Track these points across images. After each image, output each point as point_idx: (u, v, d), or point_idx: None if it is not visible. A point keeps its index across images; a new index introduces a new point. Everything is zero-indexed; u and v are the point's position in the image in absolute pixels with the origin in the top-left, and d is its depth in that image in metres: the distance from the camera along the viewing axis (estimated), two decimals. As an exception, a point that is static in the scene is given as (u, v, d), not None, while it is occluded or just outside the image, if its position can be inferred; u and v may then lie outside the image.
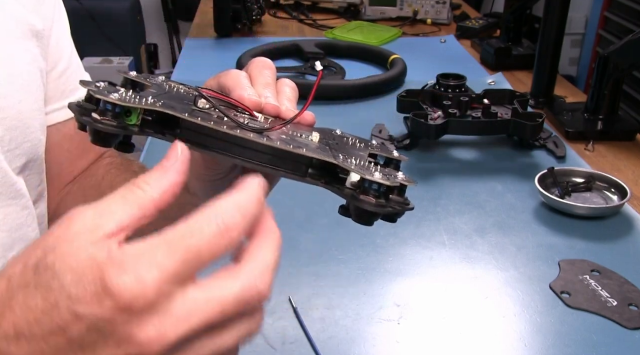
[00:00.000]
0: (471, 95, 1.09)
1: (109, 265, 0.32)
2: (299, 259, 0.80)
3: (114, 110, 0.37)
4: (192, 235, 0.33)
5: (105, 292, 0.31)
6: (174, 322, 0.32)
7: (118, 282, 0.31)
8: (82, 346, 0.32)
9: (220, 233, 0.33)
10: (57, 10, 0.68)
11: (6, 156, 0.55)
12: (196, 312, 0.33)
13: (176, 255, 0.32)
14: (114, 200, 0.35)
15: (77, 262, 0.32)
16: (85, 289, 0.31)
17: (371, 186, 0.39)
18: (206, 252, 0.33)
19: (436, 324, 0.70)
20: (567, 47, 2.78)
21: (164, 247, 0.32)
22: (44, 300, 0.32)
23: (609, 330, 0.69)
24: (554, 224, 0.88)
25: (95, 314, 0.31)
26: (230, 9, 1.64)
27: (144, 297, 0.31)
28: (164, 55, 3.42)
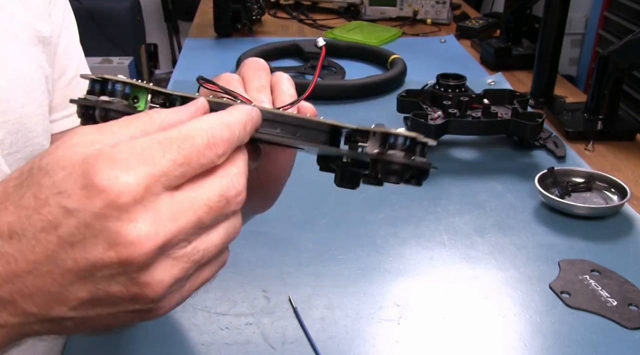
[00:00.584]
0: (471, 95, 1.09)
1: (99, 158, 0.32)
2: (299, 259, 0.80)
3: (124, 90, 0.38)
4: (185, 142, 0.34)
5: (94, 186, 0.31)
6: (164, 221, 0.32)
7: (109, 176, 0.31)
8: (72, 244, 0.32)
9: (209, 145, 0.34)
10: (67, 17, 0.68)
11: (6, 160, 0.55)
12: (185, 211, 0.33)
13: (168, 155, 0.33)
14: (118, 122, 0.35)
15: (70, 161, 0.32)
16: (74, 183, 0.31)
17: (397, 140, 0.39)
18: (195, 160, 0.34)
19: (436, 324, 0.70)
20: (567, 47, 2.78)
21: (157, 146, 0.33)
22: (35, 198, 0.32)
23: (609, 330, 0.69)
24: (554, 224, 0.88)
25: (84, 209, 0.31)
26: (230, 9, 1.64)
27: (134, 192, 0.31)
28: (164, 55, 3.42)
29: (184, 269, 0.34)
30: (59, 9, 0.66)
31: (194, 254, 0.35)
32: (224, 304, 0.72)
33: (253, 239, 0.83)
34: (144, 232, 0.32)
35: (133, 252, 0.32)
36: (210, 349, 0.66)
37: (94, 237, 0.32)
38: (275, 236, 0.84)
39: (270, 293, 0.74)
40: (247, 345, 0.66)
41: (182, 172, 0.33)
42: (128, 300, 0.34)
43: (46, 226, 0.32)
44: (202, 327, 0.68)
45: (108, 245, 0.32)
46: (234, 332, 0.68)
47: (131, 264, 0.32)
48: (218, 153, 0.35)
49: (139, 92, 0.38)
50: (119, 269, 0.32)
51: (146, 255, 0.32)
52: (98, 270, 0.32)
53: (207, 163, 0.34)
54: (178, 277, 0.34)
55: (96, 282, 0.33)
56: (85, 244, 0.32)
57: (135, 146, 0.32)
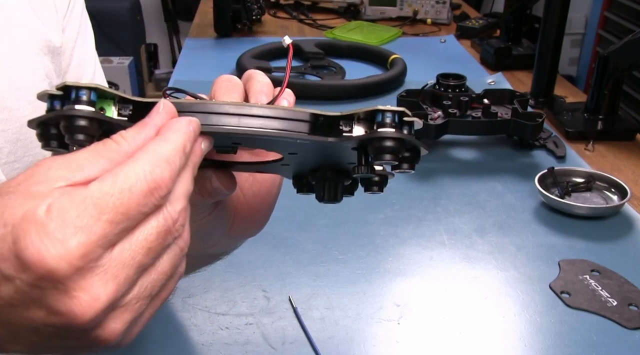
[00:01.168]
0: (471, 95, 1.09)
1: (31, 228, 0.30)
2: (299, 259, 0.80)
3: (89, 97, 0.34)
4: (122, 196, 0.31)
5: (23, 259, 0.30)
6: (104, 283, 0.31)
7: (39, 250, 0.30)
8: (13, 305, 0.31)
9: (150, 191, 0.32)
10: (82, 29, 0.67)
11: (3, 169, 0.55)
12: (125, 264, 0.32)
13: (105, 217, 0.31)
14: (85, 152, 0.33)
15: (11, 217, 0.31)
16: (8, 248, 0.30)
17: (385, 117, 0.37)
18: (135, 212, 0.32)
19: (436, 324, 0.70)
20: (567, 47, 2.78)
21: (92, 209, 0.30)
22: None
23: (609, 330, 0.69)
24: (554, 224, 0.88)
25: (19, 277, 0.30)
26: (230, 9, 1.64)
27: (67, 266, 0.30)
28: (164, 55, 3.42)
29: (136, 310, 0.33)
30: (75, 21, 0.66)
31: (142, 292, 0.33)
32: (224, 304, 0.72)
33: (253, 239, 0.83)
34: (85, 301, 0.30)
35: (76, 319, 0.31)
36: (210, 349, 0.66)
37: (33, 303, 0.31)
38: (275, 236, 0.84)
39: (270, 293, 0.74)
40: (247, 345, 0.66)
41: (121, 229, 0.31)
42: (84, 348, 0.33)
43: None
44: (202, 327, 0.68)
45: (49, 312, 0.31)
46: (234, 332, 0.68)
47: (77, 329, 0.31)
48: (161, 195, 0.32)
49: (104, 103, 0.35)
50: (64, 331, 0.32)
51: (91, 321, 0.31)
52: (44, 329, 0.32)
53: (149, 210, 0.32)
54: (131, 320, 0.33)
55: (44, 335, 0.32)
56: (27, 308, 0.31)
57: (69, 212, 0.30)
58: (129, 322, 0.33)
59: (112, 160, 0.33)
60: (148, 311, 0.35)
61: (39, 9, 0.60)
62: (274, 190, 0.52)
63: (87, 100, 0.34)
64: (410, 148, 0.38)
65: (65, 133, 0.34)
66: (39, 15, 0.60)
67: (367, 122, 0.38)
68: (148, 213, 0.32)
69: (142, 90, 3.14)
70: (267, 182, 0.51)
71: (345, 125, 0.38)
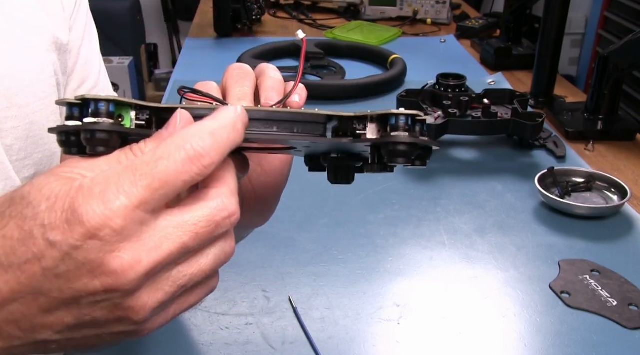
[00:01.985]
0: (471, 95, 1.09)
1: (78, 191, 0.32)
2: (299, 259, 0.80)
3: (108, 108, 0.35)
4: (158, 163, 0.32)
5: (75, 219, 0.31)
6: (147, 249, 0.32)
7: (87, 209, 0.31)
8: (57, 275, 0.32)
9: (190, 159, 0.33)
10: (88, 28, 0.67)
11: (15, 166, 0.55)
12: (169, 237, 0.33)
13: (142, 182, 0.32)
14: (106, 160, 0.35)
15: (51, 191, 0.32)
16: (57, 216, 0.32)
17: (399, 120, 0.38)
18: (175, 179, 0.32)
19: (436, 324, 0.70)
20: (567, 47, 2.78)
21: (129, 174, 0.32)
22: (19, 229, 0.32)
23: (609, 330, 0.69)
24: (554, 224, 0.88)
25: (67, 241, 0.31)
26: (230, 9, 1.64)
27: (112, 225, 0.31)
28: (164, 55, 3.42)
29: (169, 293, 0.34)
30: (81, 20, 0.66)
31: (179, 279, 0.34)
32: (224, 304, 0.72)
33: (253, 239, 0.83)
34: (127, 261, 0.32)
35: (117, 280, 0.32)
36: (210, 349, 0.66)
37: (77, 268, 0.32)
38: (275, 236, 0.84)
39: (270, 293, 0.74)
40: (247, 345, 0.66)
41: (162, 195, 0.32)
42: (112, 323, 0.34)
43: (31, 258, 0.32)
44: (202, 327, 0.68)
45: (92, 275, 0.32)
46: (234, 332, 0.68)
47: (116, 292, 0.32)
48: (204, 164, 0.33)
49: (122, 110, 0.36)
50: (103, 296, 0.33)
51: (130, 283, 0.32)
52: (83, 298, 0.33)
53: (191, 179, 0.33)
54: (162, 301, 0.34)
55: (81, 308, 0.33)
56: (70, 275, 0.32)
57: (110, 177, 0.32)
58: (160, 303, 0.34)
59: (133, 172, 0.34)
60: (177, 305, 0.36)
61: (47, 5, 0.60)
62: (281, 181, 0.53)
63: (106, 111, 0.35)
64: (422, 147, 0.39)
65: (86, 144, 0.35)
66: (47, 11, 0.60)
67: (379, 122, 0.39)
68: (190, 182, 0.33)
69: (142, 90, 3.14)
70: (275, 173, 0.52)
71: (359, 125, 0.39)
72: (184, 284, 0.35)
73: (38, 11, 0.59)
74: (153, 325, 0.35)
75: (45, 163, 0.59)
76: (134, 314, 0.33)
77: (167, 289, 0.34)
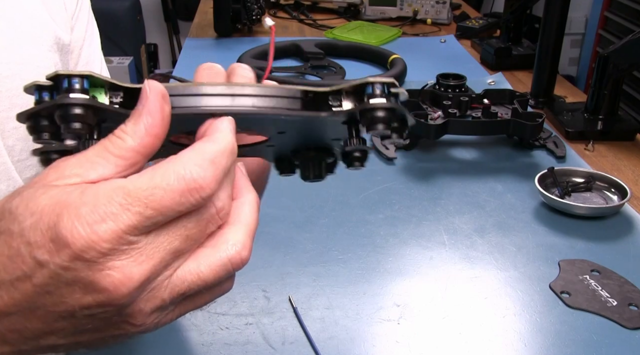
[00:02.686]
0: (471, 95, 1.09)
1: (64, 208, 0.31)
2: (299, 259, 0.80)
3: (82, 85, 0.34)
4: (155, 191, 0.31)
5: (59, 239, 0.31)
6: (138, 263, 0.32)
7: (71, 231, 0.30)
8: (48, 292, 0.32)
9: (190, 191, 0.32)
10: (90, 28, 0.67)
11: (17, 166, 0.55)
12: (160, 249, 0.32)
13: (134, 209, 0.31)
14: (94, 150, 0.34)
15: (37, 206, 0.31)
16: (42, 234, 0.31)
17: (375, 88, 0.37)
18: (169, 209, 0.32)
19: (436, 324, 0.70)
20: (567, 47, 2.79)
21: (121, 196, 0.31)
22: (8, 245, 0.32)
23: (609, 330, 0.69)
24: (554, 224, 0.88)
25: (54, 261, 0.31)
26: (230, 9, 1.64)
27: (97, 248, 0.31)
28: (164, 55, 3.42)
29: (167, 300, 0.34)
30: (83, 20, 0.66)
31: (177, 286, 0.34)
32: (224, 304, 0.72)
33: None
34: (117, 279, 0.31)
35: (109, 297, 0.32)
36: (210, 349, 0.66)
37: (68, 286, 0.32)
38: (275, 236, 0.84)
39: (270, 293, 0.74)
40: (247, 345, 0.66)
41: (154, 222, 0.32)
42: (112, 328, 0.34)
43: (21, 276, 0.32)
44: (202, 327, 0.68)
45: (84, 292, 0.32)
46: (234, 332, 0.68)
47: (110, 306, 0.32)
48: (202, 196, 0.32)
49: (96, 91, 0.35)
50: (98, 310, 0.32)
51: (123, 298, 0.32)
52: (78, 312, 0.33)
53: (186, 209, 0.32)
54: (160, 307, 0.34)
55: (78, 319, 0.33)
56: (62, 292, 0.32)
57: (100, 198, 0.31)
58: (158, 308, 0.34)
59: (121, 157, 0.33)
60: (180, 307, 0.36)
61: (49, 5, 0.60)
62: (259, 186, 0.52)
63: (81, 88, 0.34)
64: (398, 118, 0.39)
65: (61, 123, 0.34)
66: (49, 11, 0.60)
67: (355, 96, 0.38)
68: (185, 211, 0.33)
69: (142, 90, 3.13)
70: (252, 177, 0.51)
71: (334, 101, 0.39)
72: (183, 291, 0.34)
73: (40, 11, 0.59)
74: (157, 325, 0.35)
75: None
76: (133, 320, 0.33)
77: (166, 296, 0.34)
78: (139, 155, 0.34)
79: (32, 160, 0.57)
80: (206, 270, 0.34)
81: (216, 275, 0.35)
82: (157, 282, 0.33)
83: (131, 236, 0.31)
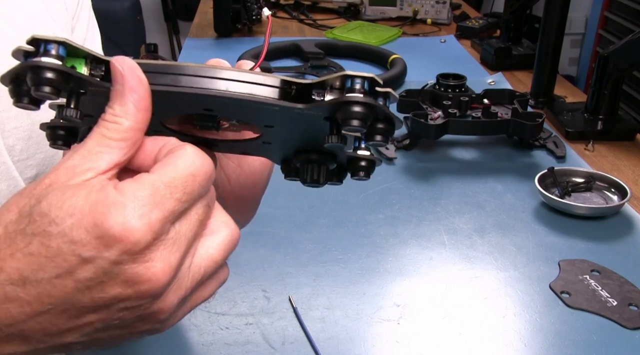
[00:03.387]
0: (471, 95, 1.09)
1: (109, 206, 0.32)
2: (299, 259, 0.80)
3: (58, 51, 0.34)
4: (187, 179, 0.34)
5: (110, 236, 0.32)
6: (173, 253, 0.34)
7: (123, 225, 0.32)
8: (89, 287, 0.33)
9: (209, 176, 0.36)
10: (91, 28, 0.67)
11: (17, 166, 0.55)
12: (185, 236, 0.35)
13: (175, 196, 0.34)
14: (93, 140, 0.35)
15: (73, 207, 0.32)
16: (87, 232, 0.32)
17: (355, 82, 0.36)
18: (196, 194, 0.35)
19: (436, 324, 0.70)
20: (567, 47, 2.79)
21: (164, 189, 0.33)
22: (45, 246, 0.33)
23: (609, 330, 0.69)
24: (554, 224, 0.88)
25: (101, 256, 0.32)
26: (230, 9, 1.64)
27: (148, 238, 0.32)
28: (163, 55, 3.42)
29: (189, 289, 0.36)
30: (83, 20, 0.66)
31: (196, 273, 0.36)
32: (224, 304, 0.72)
33: (253, 239, 0.83)
34: (159, 269, 0.33)
35: (150, 287, 0.33)
36: (210, 349, 0.66)
37: (111, 279, 0.33)
38: (275, 236, 0.84)
39: (270, 293, 0.74)
40: (247, 345, 0.66)
41: (185, 207, 0.35)
42: (139, 323, 0.35)
43: (62, 273, 0.33)
44: (202, 327, 0.68)
45: (126, 284, 0.33)
46: (234, 332, 0.68)
47: (148, 297, 0.34)
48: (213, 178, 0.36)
49: (76, 61, 0.35)
50: (135, 302, 0.34)
51: (162, 288, 0.34)
52: (114, 305, 0.34)
53: (205, 191, 0.36)
54: (184, 297, 0.36)
55: (111, 312, 0.34)
56: (103, 286, 0.33)
57: (141, 191, 0.33)
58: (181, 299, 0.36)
59: (122, 139, 0.35)
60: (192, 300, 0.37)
61: (50, 4, 0.60)
62: (261, 183, 0.52)
63: (56, 54, 0.34)
64: (383, 119, 0.37)
65: (31, 85, 0.34)
66: (49, 11, 0.60)
67: (339, 91, 0.37)
68: (203, 193, 0.36)
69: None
70: (254, 175, 0.51)
71: (317, 95, 0.38)
72: (200, 277, 0.36)
73: (40, 11, 0.59)
74: (173, 321, 0.37)
75: (48, 163, 0.59)
76: (160, 314, 0.35)
77: (188, 285, 0.36)
78: (138, 132, 0.35)
79: (33, 160, 0.57)
80: (215, 251, 0.37)
81: (224, 254, 0.38)
82: (183, 270, 0.35)
83: (170, 223, 0.34)
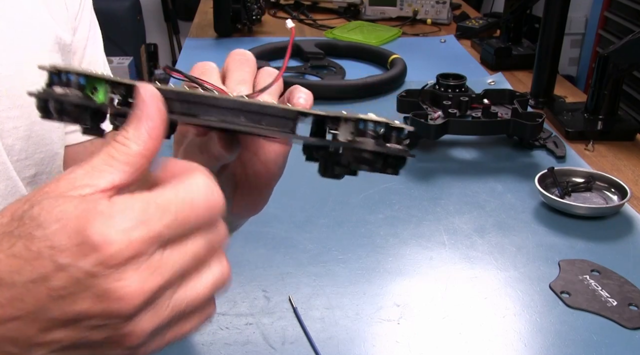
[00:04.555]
0: (471, 95, 1.09)
1: (96, 215, 0.32)
2: (299, 259, 0.80)
3: (78, 81, 0.36)
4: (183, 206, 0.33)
5: (89, 243, 0.31)
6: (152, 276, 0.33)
7: (104, 234, 0.31)
8: (62, 297, 0.32)
9: (210, 208, 0.34)
10: (92, 29, 0.67)
11: (15, 166, 0.55)
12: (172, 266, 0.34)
13: (165, 219, 0.33)
14: (100, 159, 0.35)
15: (63, 213, 0.32)
16: (69, 238, 0.31)
17: (367, 126, 0.37)
18: (192, 223, 0.34)
19: (436, 324, 0.70)
20: (567, 47, 2.79)
21: (154, 208, 0.33)
22: (27, 249, 0.32)
23: (609, 330, 0.69)
24: (554, 224, 0.88)
25: (76, 265, 0.31)
26: (230, 9, 1.64)
27: (126, 253, 0.32)
28: (164, 55, 3.42)
29: (166, 319, 0.35)
30: (85, 21, 0.66)
31: (177, 305, 0.35)
32: (224, 304, 0.72)
33: (253, 239, 0.83)
34: (133, 289, 0.32)
35: (120, 306, 0.32)
36: (210, 349, 0.66)
37: (83, 292, 0.32)
38: (275, 236, 0.84)
39: (270, 293, 0.74)
40: (247, 345, 0.66)
41: (178, 235, 0.34)
42: (107, 346, 0.34)
43: (37, 278, 0.32)
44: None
45: (97, 300, 0.32)
46: (234, 332, 0.68)
47: (117, 317, 0.33)
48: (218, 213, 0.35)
49: (98, 82, 0.37)
50: (104, 321, 0.33)
51: (133, 309, 0.33)
52: (84, 321, 0.33)
53: (204, 224, 0.35)
54: (159, 326, 0.35)
55: (80, 330, 0.33)
56: (75, 297, 0.32)
57: (134, 206, 0.32)
58: (157, 327, 0.34)
59: (127, 162, 0.35)
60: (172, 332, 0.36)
61: (50, 5, 0.60)
62: (276, 172, 0.52)
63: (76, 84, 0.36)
64: (393, 155, 0.38)
65: (54, 112, 0.36)
66: (50, 11, 0.60)
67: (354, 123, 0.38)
68: (203, 226, 0.34)
69: (142, 90, 3.13)
70: (270, 163, 0.51)
71: (332, 125, 0.38)
72: (181, 309, 0.35)
73: (41, 11, 0.59)
74: (147, 351, 0.35)
75: (47, 163, 0.59)
76: (131, 338, 0.34)
77: (165, 314, 0.34)
78: (144, 159, 0.35)
79: (31, 160, 0.57)
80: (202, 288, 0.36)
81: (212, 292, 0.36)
82: (162, 298, 0.34)
83: (154, 245, 0.32)
